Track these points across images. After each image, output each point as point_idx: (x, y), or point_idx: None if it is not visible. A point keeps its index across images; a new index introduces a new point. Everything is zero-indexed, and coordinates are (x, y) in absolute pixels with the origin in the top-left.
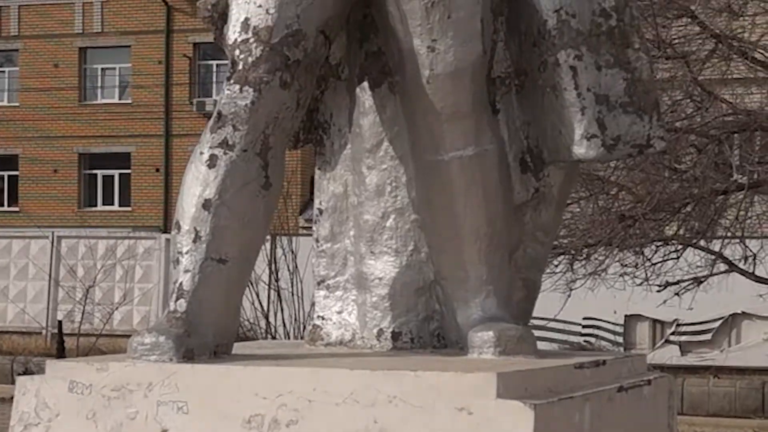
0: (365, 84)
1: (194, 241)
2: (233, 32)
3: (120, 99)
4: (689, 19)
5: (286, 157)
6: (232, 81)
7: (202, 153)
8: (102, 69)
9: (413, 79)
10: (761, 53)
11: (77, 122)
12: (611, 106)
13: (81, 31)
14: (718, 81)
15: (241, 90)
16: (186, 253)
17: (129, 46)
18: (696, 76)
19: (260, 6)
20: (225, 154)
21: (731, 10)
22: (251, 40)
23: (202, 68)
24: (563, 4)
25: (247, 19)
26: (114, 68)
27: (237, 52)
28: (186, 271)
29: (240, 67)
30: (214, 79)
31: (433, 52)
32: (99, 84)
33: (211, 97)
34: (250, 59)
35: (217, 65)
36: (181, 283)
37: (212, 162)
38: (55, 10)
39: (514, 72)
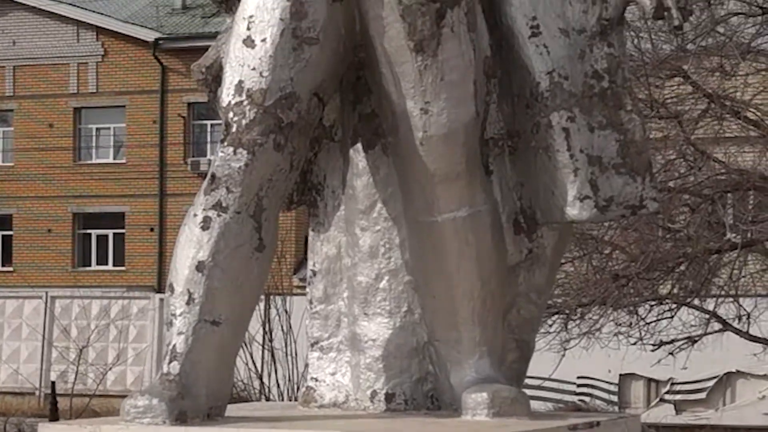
0: (359, 145)
1: (188, 303)
2: (227, 95)
3: (114, 159)
4: (682, 79)
5: (280, 217)
6: (225, 143)
7: (195, 215)
8: (97, 129)
9: (406, 141)
10: (753, 113)
11: (72, 182)
12: (604, 168)
13: (76, 92)
14: (710, 140)
15: (234, 152)
16: (179, 315)
17: (124, 106)
18: (689, 135)
19: (254, 69)
20: (219, 216)
21: (723, 70)
22: (245, 102)
23: (197, 128)
24: (556, 66)
25: (241, 82)
26: (109, 128)
27: (231, 114)
28: (179, 333)
29: (234, 129)
30: (209, 139)
31: (427, 114)
32: (93, 144)
33: (205, 156)
34: (243, 122)
35: (212, 125)
36: (174, 345)
37: (206, 224)
38: (50, 71)
39: (507, 133)
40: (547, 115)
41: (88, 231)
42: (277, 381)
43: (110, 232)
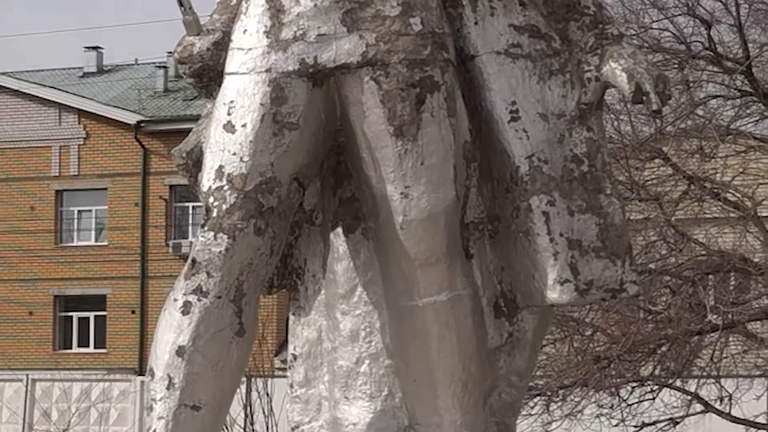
0: (339, 230)
1: (168, 388)
2: (207, 180)
3: (96, 241)
4: (662, 161)
5: (261, 299)
6: (206, 228)
7: (176, 300)
8: (78, 211)
9: (387, 225)
10: (733, 194)
11: (53, 264)
12: (584, 251)
13: (57, 174)
14: (691, 221)
15: (215, 237)
16: (160, 400)
17: (105, 189)
18: (669, 217)
19: (234, 154)
20: (199, 300)
21: (703, 152)
22: (225, 187)
23: (178, 210)
24: (535, 150)
25: (221, 167)
26: (90, 210)
27: (211, 199)
28: (160, 418)
29: (214, 214)
30: (190, 221)
31: (407, 198)
32: (75, 227)
33: (187, 239)
34: (224, 206)
35: (193, 207)
36: (154, 430)
37: (186, 309)
38: (32, 153)
39: (487, 217)
40: (526, 199)
41: (70, 313)
42: None
43: (91, 315)
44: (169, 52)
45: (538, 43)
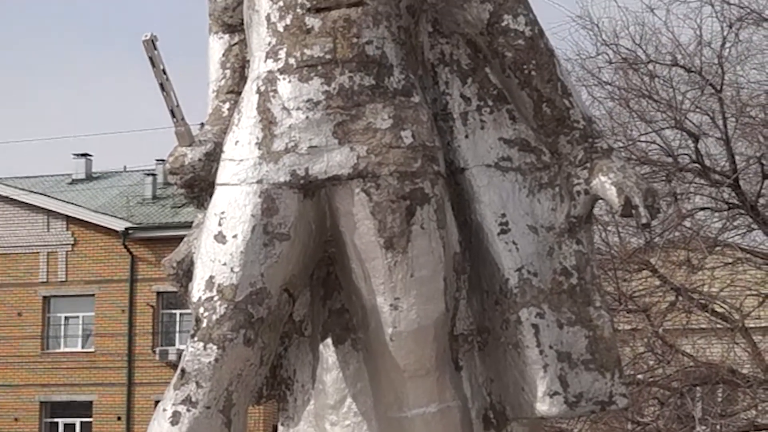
0: (328, 340)
1: None
2: (198, 290)
3: (83, 347)
4: (650, 273)
5: (248, 409)
6: (196, 338)
7: (165, 410)
8: (65, 318)
9: (376, 337)
10: (721, 306)
11: (39, 371)
12: (573, 364)
13: (45, 280)
14: (679, 333)
15: (205, 347)
16: None
17: (93, 295)
18: (657, 328)
19: (225, 264)
20: (188, 410)
21: (690, 264)
22: (215, 297)
23: (166, 317)
24: (525, 262)
25: (211, 278)
26: (77, 317)
27: (201, 309)
28: None
29: (204, 324)
30: (178, 328)
31: (396, 310)
32: (62, 333)
33: (174, 345)
34: (214, 317)
35: (181, 314)
36: None
37: (175, 419)
38: (20, 259)
39: (476, 329)
40: (516, 311)
41: (56, 420)
42: None
43: (77, 421)
44: (158, 160)
45: (528, 156)
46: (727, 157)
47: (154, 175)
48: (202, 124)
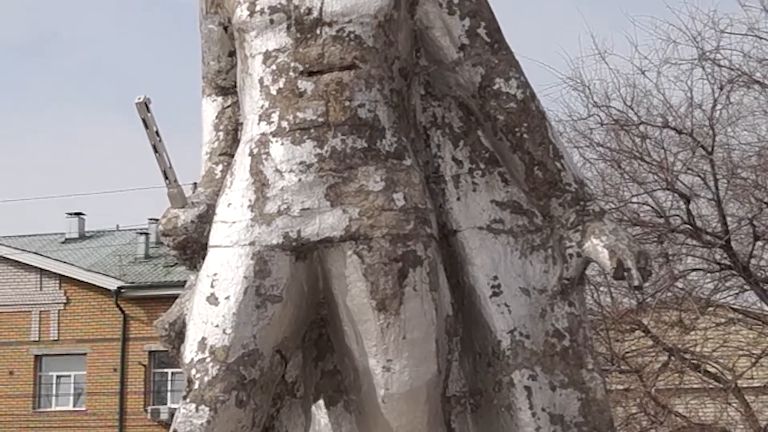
0: (321, 402)
1: None
2: (190, 351)
3: (74, 406)
4: (642, 333)
5: None
6: (188, 400)
7: None
8: (57, 376)
9: (369, 398)
10: (713, 366)
11: (31, 430)
12: (566, 426)
13: (37, 339)
14: (671, 393)
15: (197, 409)
16: None
17: (84, 354)
18: (650, 389)
19: (217, 326)
20: None
21: (683, 324)
22: (208, 359)
23: (158, 376)
24: (517, 324)
25: (204, 339)
26: (69, 376)
27: (193, 371)
28: None
29: (196, 386)
30: (170, 387)
31: (389, 372)
32: (54, 392)
33: (166, 405)
34: (206, 378)
35: (173, 373)
36: None
37: None
38: (12, 317)
39: (469, 391)
40: (508, 373)
41: None
42: None
43: None
44: (151, 219)
45: (520, 219)
46: (719, 219)
47: (146, 234)
48: (195, 184)
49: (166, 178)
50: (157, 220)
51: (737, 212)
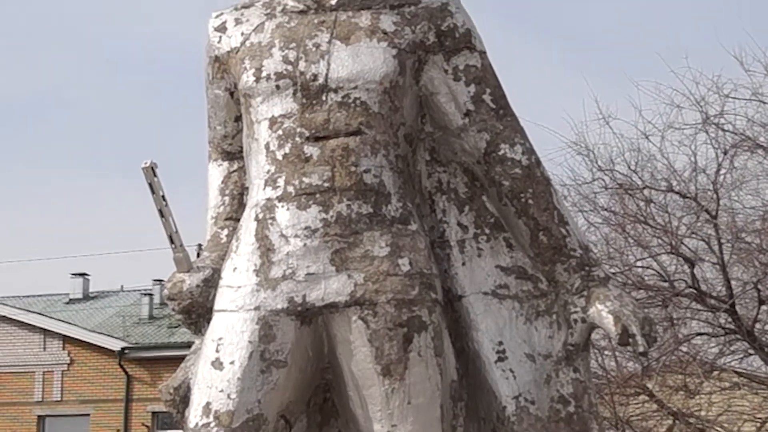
0: None
1: None
2: (194, 416)
3: None
4: (647, 397)
5: None
6: None
7: None
8: None
9: None
10: (718, 431)
11: None
12: None
13: (40, 400)
14: None
15: None
16: None
17: (88, 415)
18: None
19: (222, 391)
20: None
21: (688, 388)
22: (212, 424)
23: None
24: (522, 390)
25: (208, 404)
26: None
27: None
28: None
29: None
30: None
31: None
32: None
33: None
34: None
35: None
36: None
37: None
38: (15, 378)
39: None
40: None
41: None
42: None
43: None
44: (155, 280)
45: (525, 284)
46: (724, 282)
47: (150, 295)
48: (200, 245)
49: (172, 242)
50: (161, 281)
51: (742, 276)
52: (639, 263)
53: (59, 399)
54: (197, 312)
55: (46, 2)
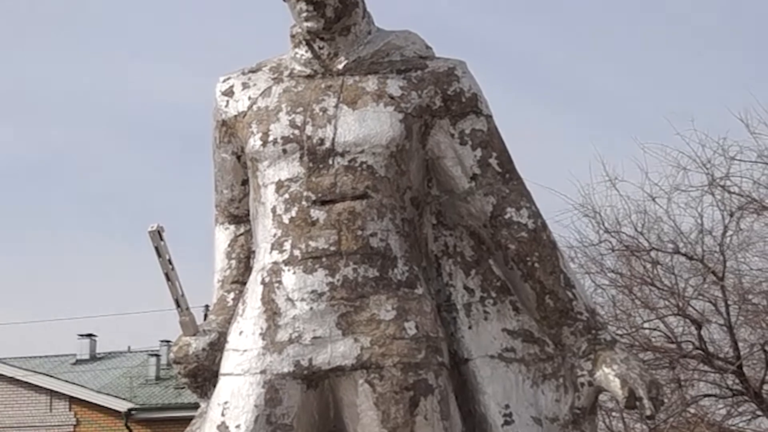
0: None
1: None
2: None
3: None
4: None
5: None
6: None
7: None
8: None
9: None
10: None
11: None
12: None
13: None
14: None
15: None
16: None
17: None
18: None
19: None
20: None
21: None
22: None
23: None
24: None
25: None
26: None
27: None
28: None
29: None
30: None
31: None
32: None
33: None
34: None
35: None
36: None
37: None
38: None
39: None
40: None
41: None
42: None
43: None
44: (162, 341)
45: (532, 347)
46: (731, 344)
47: (157, 356)
48: (207, 306)
49: (178, 305)
50: (168, 342)
51: (749, 338)
52: (646, 325)
53: None
54: (203, 376)
55: (73, 67)
